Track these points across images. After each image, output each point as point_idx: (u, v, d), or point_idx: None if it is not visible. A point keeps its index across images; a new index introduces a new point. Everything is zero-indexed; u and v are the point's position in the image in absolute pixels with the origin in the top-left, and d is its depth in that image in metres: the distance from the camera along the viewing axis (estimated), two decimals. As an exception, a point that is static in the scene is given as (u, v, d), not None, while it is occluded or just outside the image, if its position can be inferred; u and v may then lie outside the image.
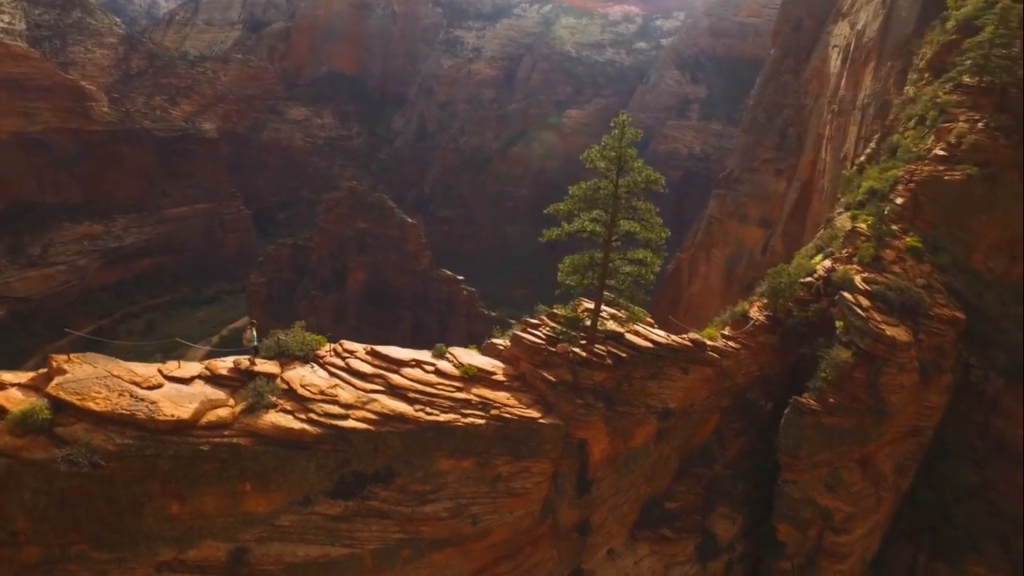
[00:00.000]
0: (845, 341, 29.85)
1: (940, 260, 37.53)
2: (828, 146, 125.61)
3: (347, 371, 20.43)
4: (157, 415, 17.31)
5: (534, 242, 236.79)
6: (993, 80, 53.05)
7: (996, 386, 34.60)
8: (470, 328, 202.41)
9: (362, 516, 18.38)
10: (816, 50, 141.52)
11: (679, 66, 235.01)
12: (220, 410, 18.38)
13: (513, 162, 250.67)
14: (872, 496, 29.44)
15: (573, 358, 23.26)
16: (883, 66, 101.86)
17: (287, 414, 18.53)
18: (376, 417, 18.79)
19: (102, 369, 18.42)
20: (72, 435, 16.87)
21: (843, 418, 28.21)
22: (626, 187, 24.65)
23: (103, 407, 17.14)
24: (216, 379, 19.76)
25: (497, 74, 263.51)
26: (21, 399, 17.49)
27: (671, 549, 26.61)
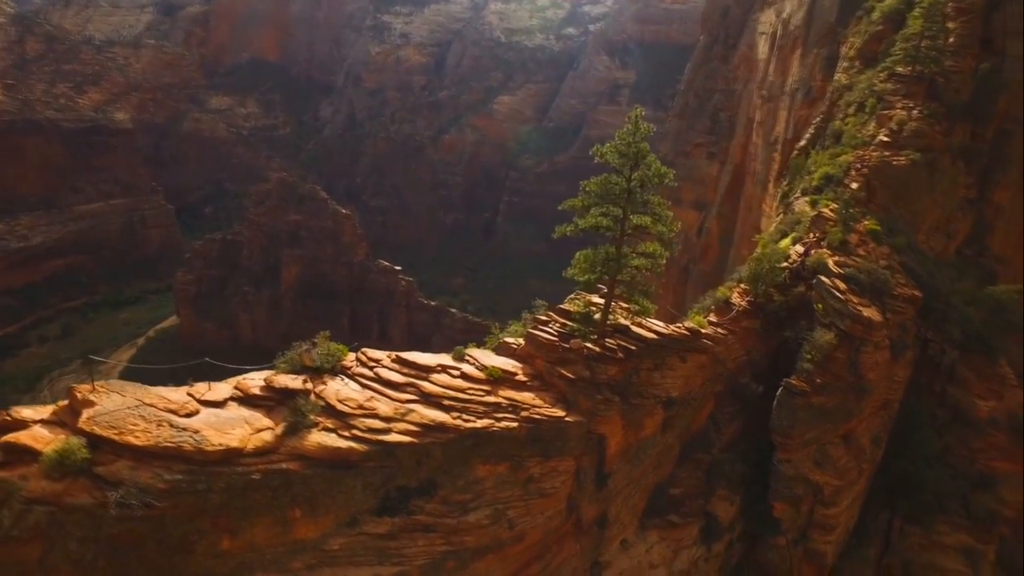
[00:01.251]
0: (826, 323, 31.28)
1: (896, 242, 39.76)
2: (759, 130, 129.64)
3: (378, 381, 19.67)
4: (205, 445, 16.13)
5: (470, 230, 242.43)
6: (923, 70, 56.27)
7: (951, 358, 37.10)
8: (410, 319, 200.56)
9: (408, 532, 17.84)
10: (743, 37, 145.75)
11: (608, 52, 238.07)
12: (263, 434, 17.32)
13: (446, 149, 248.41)
14: (855, 469, 31.13)
15: (588, 354, 23.40)
16: (809, 53, 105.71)
17: (330, 432, 17.61)
18: (417, 428, 18.21)
19: (132, 398, 16.80)
20: (115, 474, 15.57)
21: (829, 397, 29.63)
22: (639, 181, 24.83)
23: (145, 441, 15.89)
24: (249, 400, 18.55)
25: (427, 61, 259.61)
26: (49, 437, 15.86)
27: (678, 534, 27.34)
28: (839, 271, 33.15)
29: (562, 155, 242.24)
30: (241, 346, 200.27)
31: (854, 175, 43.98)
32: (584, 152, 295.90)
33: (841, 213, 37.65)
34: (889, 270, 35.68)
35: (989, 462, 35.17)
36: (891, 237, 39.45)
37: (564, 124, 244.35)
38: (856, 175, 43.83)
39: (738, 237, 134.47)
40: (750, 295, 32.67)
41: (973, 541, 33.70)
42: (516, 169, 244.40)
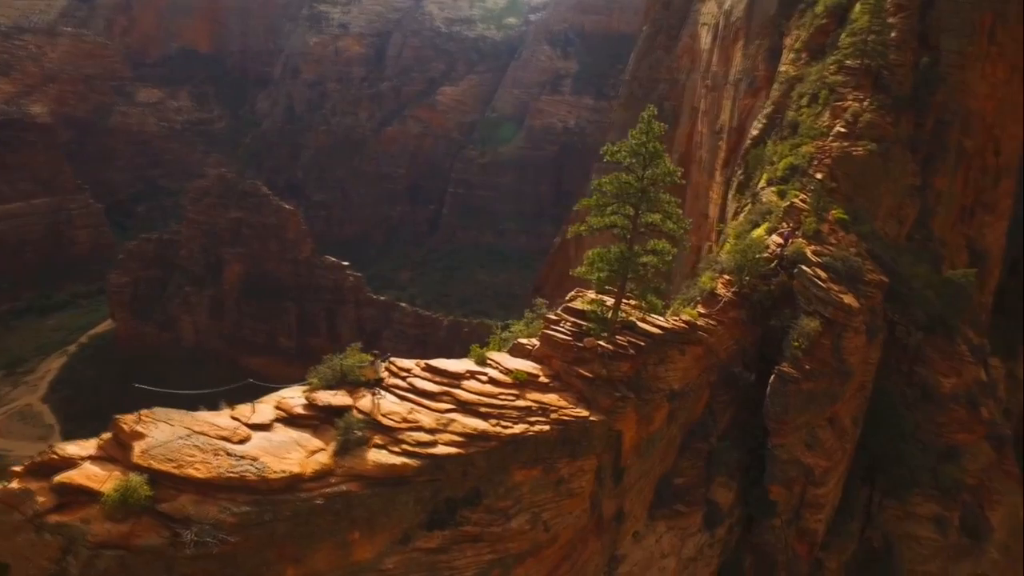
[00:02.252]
0: (810, 311, 32.71)
1: (861, 229, 41.78)
2: (704, 119, 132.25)
3: (414, 391, 19.37)
4: (267, 473, 15.62)
5: (416, 223, 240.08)
6: (870, 63, 58.93)
7: (917, 339, 39.36)
8: (360, 315, 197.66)
9: (458, 544, 17.77)
10: (686, 27, 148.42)
11: (550, 42, 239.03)
12: (318, 456, 16.91)
13: (389, 142, 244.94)
14: (840, 449, 32.78)
15: (602, 352, 23.77)
16: (751, 44, 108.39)
17: (381, 449, 17.27)
18: (461, 438, 18.07)
19: (181, 426, 16.15)
20: (180, 510, 14.93)
21: (817, 382, 31.04)
22: (650, 179, 25.21)
23: (206, 473, 15.29)
24: (294, 420, 17.91)
25: (366, 51, 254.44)
26: (103, 475, 15.12)
27: (684, 522, 28.20)
28: (817, 260, 34.63)
29: (506, 146, 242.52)
30: (184, 349, 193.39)
31: (818, 165, 45.82)
32: (528, 142, 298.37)
33: (813, 203, 39.24)
34: (859, 257, 37.43)
35: (952, 435, 37.57)
36: (856, 225, 41.39)
37: (507, 114, 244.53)
38: (820, 165, 45.68)
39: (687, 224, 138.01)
40: (735, 285, 33.71)
41: (941, 509, 36.02)
42: (461, 160, 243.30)
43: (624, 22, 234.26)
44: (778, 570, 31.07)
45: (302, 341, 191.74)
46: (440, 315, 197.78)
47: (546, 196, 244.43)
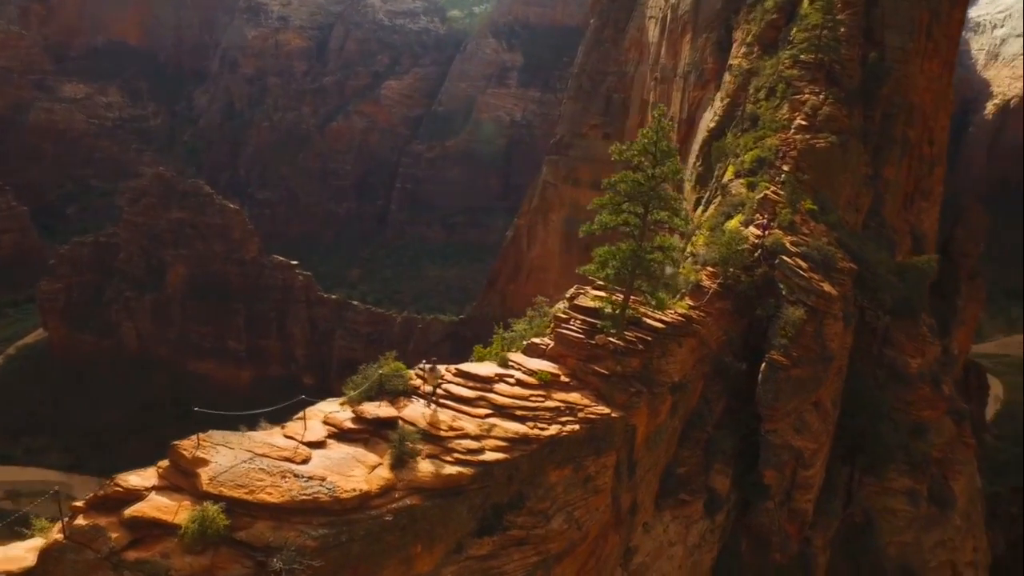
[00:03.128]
0: (793, 300, 34.00)
1: (829, 219, 43.60)
2: (653, 111, 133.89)
3: (451, 398, 19.21)
4: (339, 493, 15.35)
5: (364, 219, 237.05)
6: (823, 58, 61.26)
7: (885, 323, 41.43)
8: (311, 315, 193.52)
9: (505, 548, 17.87)
10: (632, 20, 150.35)
11: (495, 34, 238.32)
12: (379, 471, 16.62)
13: (334, 137, 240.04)
14: (824, 431, 34.29)
15: (614, 348, 24.19)
16: (699, 38, 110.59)
17: (434, 459, 17.21)
18: (505, 443, 18.04)
19: (241, 449, 15.61)
20: (258, 538, 14.50)
21: (804, 369, 32.38)
22: (660, 177, 25.61)
23: (280, 497, 14.89)
24: (344, 435, 17.63)
25: (308, 45, 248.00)
26: (172, 505, 14.58)
27: (688, 511, 29.04)
28: (796, 250, 36.00)
29: (453, 139, 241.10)
30: (126, 356, 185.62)
31: (784, 158, 47.43)
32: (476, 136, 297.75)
33: (788, 195, 40.69)
34: (831, 246, 39.08)
35: (920, 412, 39.83)
36: (824, 215, 43.15)
37: (454, 108, 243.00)
38: (786, 158, 47.30)
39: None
40: (719, 277, 34.70)
41: (913, 483, 38.20)
42: (408, 155, 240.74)
43: (568, 15, 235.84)
44: (772, 550, 32.38)
45: (252, 343, 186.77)
46: (393, 312, 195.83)
47: (495, 189, 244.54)
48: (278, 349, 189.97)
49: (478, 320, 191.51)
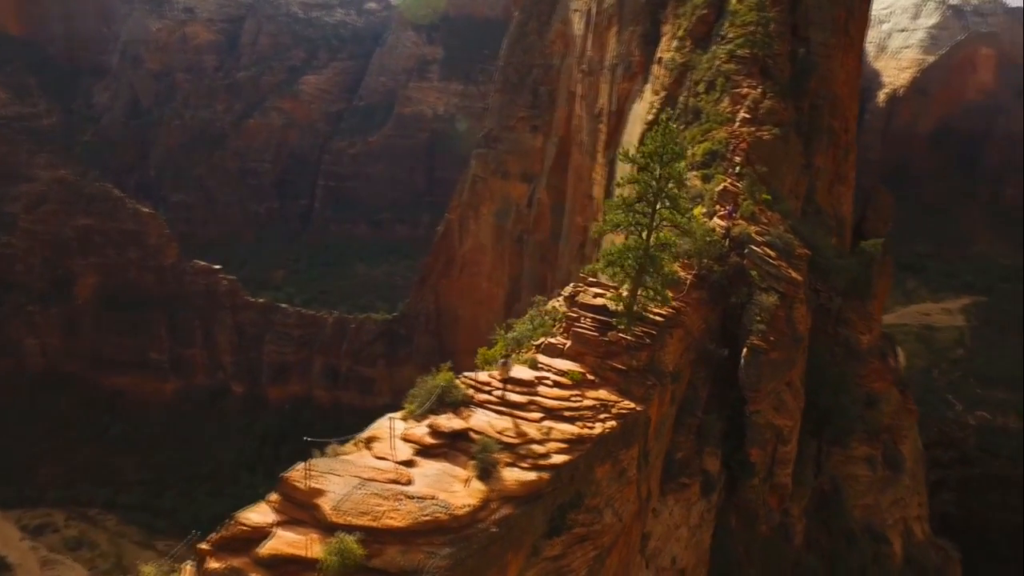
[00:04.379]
0: (764, 287, 36.03)
1: (781, 208, 46.25)
2: (582, 103, 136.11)
3: (505, 404, 19.38)
4: (454, 511, 15.46)
5: (286, 219, 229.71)
6: (757, 53, 64.45)
7: (838, 304, 44.52)
8: (237, 320, 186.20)
9: (571, 547, 18.35)
10: (557, 13, 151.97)
11: (414, 27, 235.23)
12: (473, 484, 16.77)
13: (251, 135, 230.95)
14: (797, 408, 36.62)
15: (627, 344, 25.06)
16: (625, 31, 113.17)
17: (512, 467, 17.36)
18: (565, 445, 18.23)
19: (348, 475, 15.48)
20: (392, 563, 14.41)
21: (780, 352, 34.45)
22: (666, 177, 26.49)
23: (404, 521, 14.84)
24: (427, 451, 17.52)
25: (218, 38, 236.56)
26: (300, 540, 14.28)
27: (687, 494, 30.43)
28: (761, 239, 38.12)
29: (376, 134, 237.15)
30: (29, 375, 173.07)
31: (735, 150, 49.82)
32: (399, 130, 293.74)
33: (748, 187, 42.91)
34: (788, 234, 41.55)
35: (872, 384, 43.17)
36: (777, 204, 45.71)
37: (375, 103, 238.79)
38: (737, 150, 49.70)
39: (570, 205, 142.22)
40: (694, 268, 36.29)
41: (870, 449, 41.44)
42: (329, 152, 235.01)
43: (488, 7, 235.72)
44: (759, 523, 34.46)
45: (176, 353, 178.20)
46: (323, 313, 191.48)
47: (420, 184, 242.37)
48: (204, 358, 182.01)
49: (412, 317, 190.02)
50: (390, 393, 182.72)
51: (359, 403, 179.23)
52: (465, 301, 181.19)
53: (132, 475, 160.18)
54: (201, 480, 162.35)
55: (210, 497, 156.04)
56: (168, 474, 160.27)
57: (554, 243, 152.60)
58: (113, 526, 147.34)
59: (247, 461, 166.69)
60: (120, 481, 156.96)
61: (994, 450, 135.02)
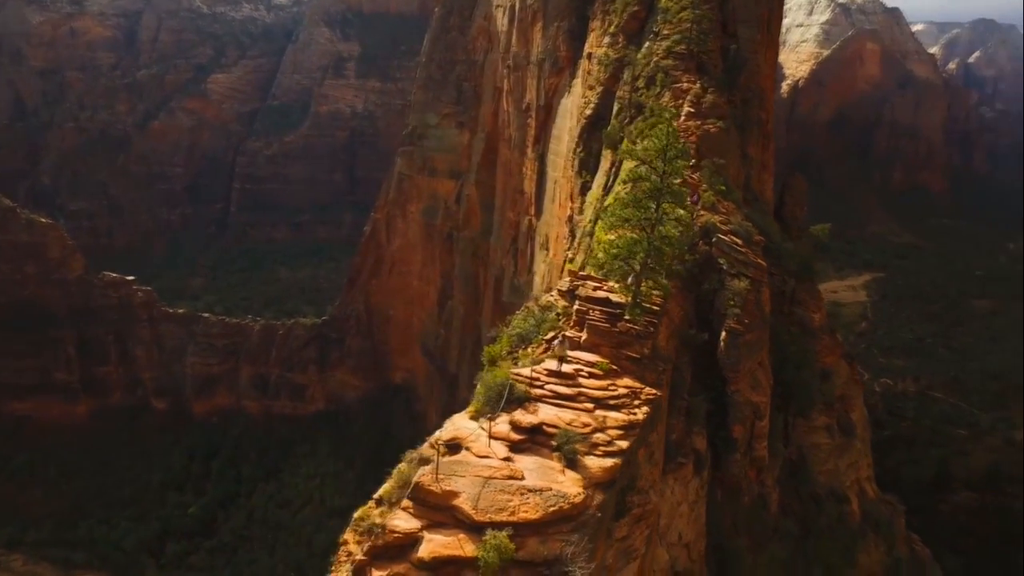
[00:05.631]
0: (734, 274, 38.08)
1: (733, 197, 48.79)
2: (509, 98, 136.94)
3: (558, 397, 19.82)
4: (572, 499, 16.10)
5: (201, 225, 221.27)
6: (693, 49, 67.31)
7: (791, 286, 47.47)
8: (156, 333, 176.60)
9: (631, 526, 18.96)
10: (479, 8, 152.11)
11: (328, 23, 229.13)
12: (569, 474, 17.32)
13: (157, 137, 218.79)
14: (768, 385, 38.98)
15: (636, 333, 26.04)
16: (550, 26, 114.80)
17: (589, 456, 17.75)
18: (622, 432, 19.00)
19: (470, 476, 15.94)
20: (536, 554, 15.07)
21: (754, 333, 36.56)
22: (669, 173, 27.45)
23: (535, 514, 15.48)
24: (515, 447, 17.89)
25: (113, 34, 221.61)
26: (451, 540, 14.68)
27: (684, 473, 31.86)
28: (726, 228, 40.27)
29: (293, 134, 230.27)
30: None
31: (686, 143, 51.99)
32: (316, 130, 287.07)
33: (708, 178, 45.05)
34: (746, 222, 44.02)
35: (824, 359, 46.43)
36: (730, 194, 48.25)
37: (290, 101, 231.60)
38: (689, 142, 51.90)
39: (501, 201, 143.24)
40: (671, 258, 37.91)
41: (828, 419, 44.64)
42: (244, 153, 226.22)
43: (403, 2, 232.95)
44: (742, 495, 36.59)
45: (87, 373, 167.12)
46: (249, 320, 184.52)
47: (341, 184, 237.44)
48: (120, 375, 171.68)
49: (342, 320, 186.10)
50: (324, 399, 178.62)
51: (292, 411, 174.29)
52: (396, 301, 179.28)
53: (40, 508, 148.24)
54: (123, 506, 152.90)
55: (134, 522, 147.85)
56: (84, 503, 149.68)
57: (485, 239, 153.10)
58: (20, 567, 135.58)
59: (175, 481, 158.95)
60: (26, 516, 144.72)
61: (900, 413, 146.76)
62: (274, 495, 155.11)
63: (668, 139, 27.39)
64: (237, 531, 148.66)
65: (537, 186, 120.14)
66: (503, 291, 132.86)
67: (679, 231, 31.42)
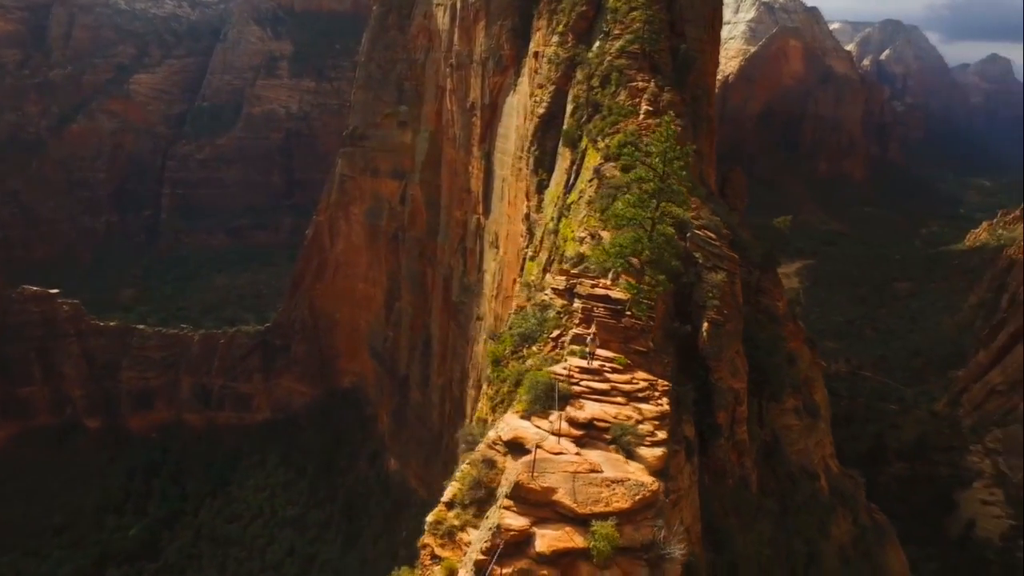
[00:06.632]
0: (710, 267, 39.45)
1: (699, 193, 50.40)
2: (452, 97, 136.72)
3: (594, 392, 20.14)
4: (649, 486, 16.66)
5: (130, 233, 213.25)
6: (645, 48, 69.00)
7: (756, 276, 49.49)
8: (86, 348, 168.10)
9: (670, 511, 19.61)
10: (418, 7, 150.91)
11: (258, 21, 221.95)
12: (632, 464, 18.05)
13: (76, 141, 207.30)
14: (745, 372, 40.61)
15: (640, 328, 26.74)
16: (493, 25, 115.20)
17: (640, 446, 18.28)
18: (658, 423, 19.60)
19: (557, 471, 16.52)
20: (633, 541, 15.72)
21: (731, 323, 38.02)
22: (668, 174, 28.13)
23: (626, 503, 16.06)
24: (577, 441, 18.35)
25: (17, 29, 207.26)
26: (561, 533, 15.22)
27: (678, 459, 32.75)
28: (698, 223, 41.70)
29: (225, 136, 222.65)
30: None
31: (647, 141, 53.39)
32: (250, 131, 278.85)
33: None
34: (714, 216, 45.70)
35: (789, 344, 48.70)
36: (696, 190, 49.88)
37: (221, 102, 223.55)
38: (651, 141, 53.31)
39: (447, 200, 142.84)
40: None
41: (796, 401, 46.90)
42: (174, 157, 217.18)
43: (334, 0, 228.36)
44: (727, 478, 38.09)
45: (9, 393, 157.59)
46: (188, 331, 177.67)
47: (278, 187, 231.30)
48: (45, 395, 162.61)
49: (286, 325, 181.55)
50: (270, 408, 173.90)
51: (237, 422, 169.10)
52: (342, 304, 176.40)
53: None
54: (54, 534, 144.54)
55: (68, 551, 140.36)
56: (6, 533, 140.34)
57: (432, 239, 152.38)
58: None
59: (112, 502, 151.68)
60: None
61: (836, 392, 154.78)
62: (222, 510, 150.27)
63: (668, 142, 28.27)
64: (184, 550, 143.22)
65: (484, 185, 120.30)
66: (453, 290, 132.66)
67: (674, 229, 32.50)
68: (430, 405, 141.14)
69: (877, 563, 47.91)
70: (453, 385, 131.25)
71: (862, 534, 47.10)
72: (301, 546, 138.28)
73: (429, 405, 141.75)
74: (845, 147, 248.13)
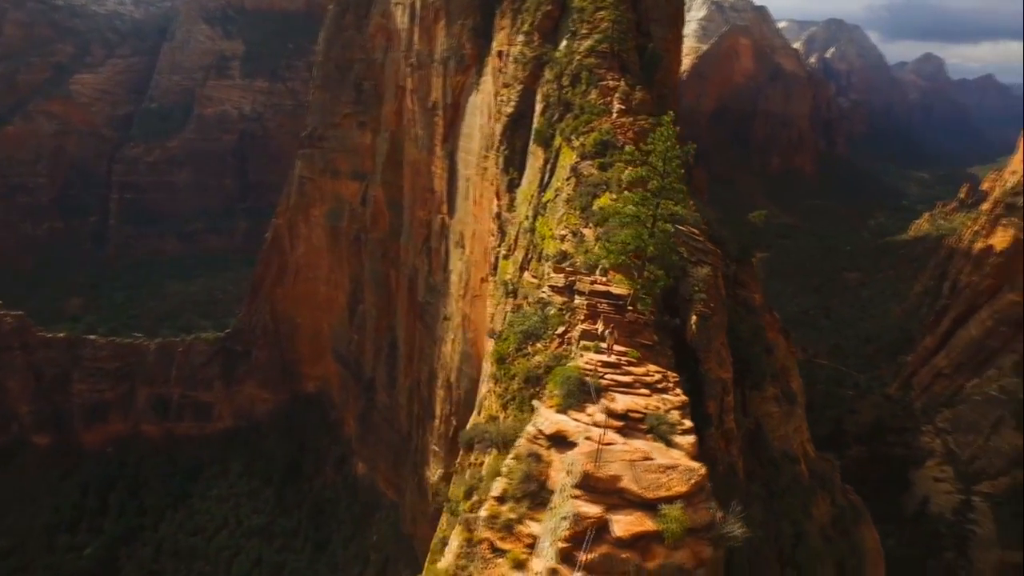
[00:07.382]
0: (695, 261, 40.29)
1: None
2: (413, 97, 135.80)
3: (620, 385, 20.35)
4: (700, 471, 17.51)
5: (75, 240, 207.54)
6: (615, 48, 69.93)
7: (733, 269, 50.72)
8: (32, 361, 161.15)
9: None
10: (375, 6, 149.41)
11: (207, 20, 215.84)
12: (673, 451, 18.56)
13: (14, 144, 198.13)
14: (730, 362, 41.66)
15: (643, 322, 27.18)
16: (454, 24, 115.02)
17: (673, 434, 18.54)
18: (680, 412, 20.00)
19: (616, 459, 16.98)
20: (695, 522, 16.55)
21: (717, 315, 38.94)
22: (668, 174, 28.60)
23: (684, 487, 16.95)
24: (619, 431, 18.57)
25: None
26: (633, 518, 15.81)
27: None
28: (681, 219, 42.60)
29: (175, 138, 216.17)
30: None
31: (624, 139, 54.18)
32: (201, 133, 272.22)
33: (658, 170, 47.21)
34: (694, 212, 46.71)
35: (767, 335, 50.13)
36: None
37: (170, 104, 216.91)
38: (626, 139, 54.09)
39: (409, 201, 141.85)
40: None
41: (775, 389, 48.33)
42: (121, 160, 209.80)
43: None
44: (718, 466, 39.02)
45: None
46: (142, 339, 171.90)
47: (232, 190, 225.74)
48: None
49: (247, 331, 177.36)
50: (232, 416, 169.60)
51: (197, 432, 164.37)
52: (303, 308, 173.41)
53: None
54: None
55: (16, 575, 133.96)
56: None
57: (395, 240, 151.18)
58: None
59: (64, 521, 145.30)
60: None
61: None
62: (184, 523, 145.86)
63: (668, 142, 28.87)
64: (145, 567, 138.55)
65: (448, 184, 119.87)
66: (418, 291, 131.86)
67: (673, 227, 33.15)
68: (397, 407, 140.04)
69: (854, 541, 49.82)
70: (421, 386, 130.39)
71: (840, 514, 48.88)
72: (269, 555, 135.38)
73: (396, 407, 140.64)
74: (795, 142, 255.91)
